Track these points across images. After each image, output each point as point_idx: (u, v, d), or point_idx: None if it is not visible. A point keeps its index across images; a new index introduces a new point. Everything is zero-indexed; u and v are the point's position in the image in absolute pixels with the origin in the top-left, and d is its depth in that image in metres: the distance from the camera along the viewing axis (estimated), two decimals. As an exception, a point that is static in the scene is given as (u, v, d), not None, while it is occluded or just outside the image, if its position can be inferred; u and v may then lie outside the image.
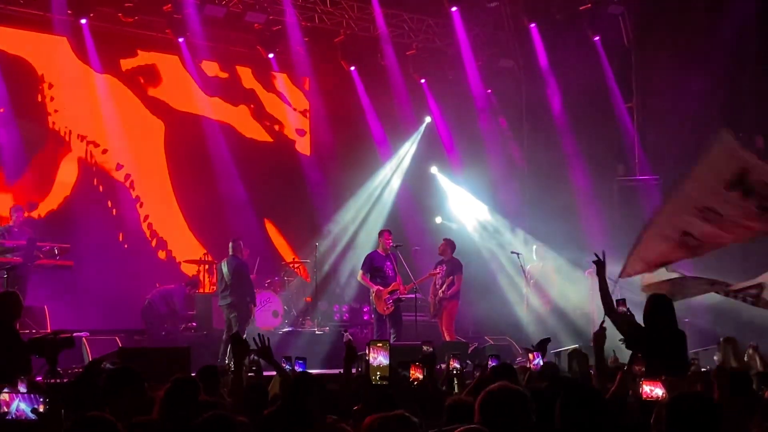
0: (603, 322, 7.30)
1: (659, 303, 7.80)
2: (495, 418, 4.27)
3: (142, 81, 17.71)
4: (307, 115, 19.35)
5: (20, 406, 4.33)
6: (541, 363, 7.05)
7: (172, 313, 15.36)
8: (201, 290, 15.85)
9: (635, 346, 7.52)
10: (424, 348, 7.01)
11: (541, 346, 7.23)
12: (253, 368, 7.38)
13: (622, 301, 8.21)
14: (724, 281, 9.56)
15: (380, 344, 4.53)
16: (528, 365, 7.76)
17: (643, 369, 6.32)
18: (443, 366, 8.57)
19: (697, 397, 4.25)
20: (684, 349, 7.70)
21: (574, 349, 7.30)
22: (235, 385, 5.81)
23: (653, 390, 4.51)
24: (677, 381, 5.31)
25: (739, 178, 7.81)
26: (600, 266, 8.01)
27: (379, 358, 4.51)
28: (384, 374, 4.46)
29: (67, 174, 16.72)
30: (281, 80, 18.66)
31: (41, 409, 4.32)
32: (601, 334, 6.77)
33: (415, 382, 6.64)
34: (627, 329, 7.76)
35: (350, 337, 6.75)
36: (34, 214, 15.96)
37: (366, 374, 4.49)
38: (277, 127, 19.37)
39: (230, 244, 14.26)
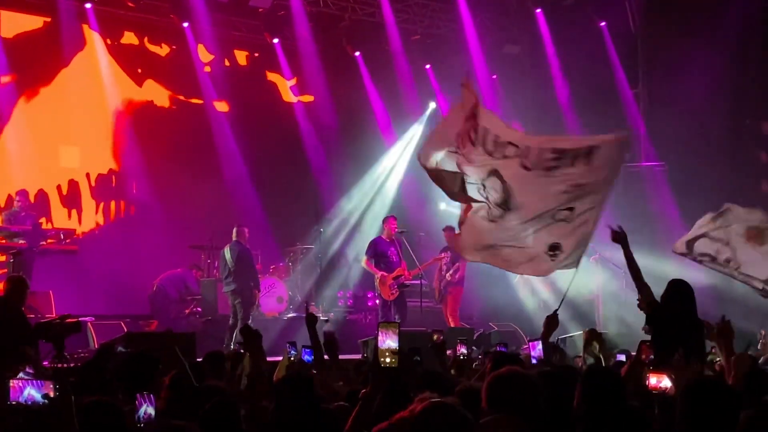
0: (558, 308, 7.12)
1: (680, 289, 7.59)
2: (502, 403, 4.22)
3: (147, 65, 17.68)
4: (312, 100, 19.28)
5: (31, 392, 4.32)
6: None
7: (182, 297, 15.41)
8: (205, 275, 15.86)
9: (655, 326, 7.34)
10: (435, 337, 6.98)
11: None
12: (291, 359, 7.36)
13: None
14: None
15: (389, 326, 4.49)
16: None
17: (651, 356, 6.26)
18: (449, 352, 8.57)
19: (717, 384, 4.18)
20: (702, 340, 7.48)
21: (592, 330, 7.11)
22: (256, 374, 5.75)
23: (660, 381, 4.46)
24: (683, 372, 5.24)
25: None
26: (622, 238, 7.77)
27: (387, 340, 4.46)
28: (393, 357, 4.43)
29: (70, 158, 16.72)
30: (286, 65, 18.58)
31: (52, 395, 4.32)
32: (554, 317, 6.78)
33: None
34: (650, 307, 7.53)
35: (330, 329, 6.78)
36: (39, 198, 15.97)
37: (375, 358, 4.46)
38: (281, 113, 19.33)
39: (234, 230, 14.25)
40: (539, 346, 6.64)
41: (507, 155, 7.67)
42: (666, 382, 4.39)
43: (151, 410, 4.68)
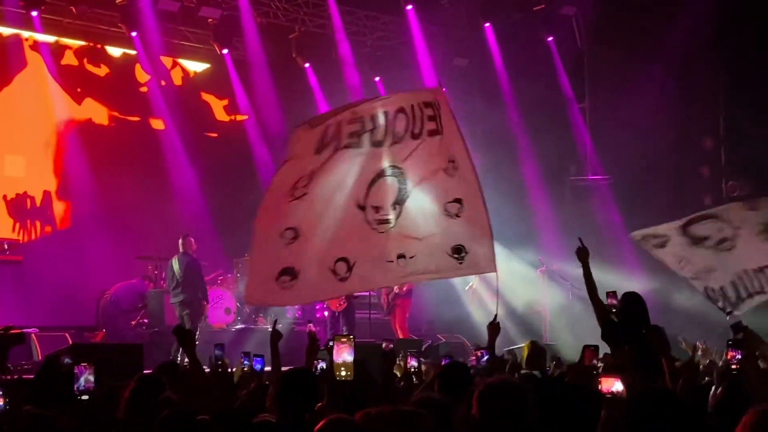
0: (495, 316, 7.16)
1: (633, 302, 7.71)
2: (494, 412, 4.16)
3: (95, 75, 17.52)
4: (261, 111, 19.19)
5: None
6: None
7: (136, 309, 15.25)
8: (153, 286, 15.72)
9: (609, 341, 7.47)
10: (384, 345, 6.99)
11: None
12: (219, 363, 7.30)
13: (612, 294, 8.00)
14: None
15: (344, 339, 4.51)
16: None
17: (594, 361, 6.31)
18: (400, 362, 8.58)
19: (663, 394, 4.23)
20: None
21: (533, 342, 7.18)
22: (198, 378, 5.71)
23: (612, 385, 4.49)
24: (635, 377, 5.30)
25: None
26: (584, 253, 7.87)
27: (343, 354, 4.48)
28: (348, 371, 4.45)
29: (15, 168, 16.50)
30: (236, 76, 18.49)
31: (1, 403, 4.28)
32: (495, 324, 6.84)
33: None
34: (603, 323, 7.65)
35: (314, 328, 6.74)
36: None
37: (330, 370, 4.48)
38: (230, 123, 19.26)
39: (180, 241, 14.17)
40: (485, 357, 6.70)
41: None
42: (618, 386, 4.42)
43: (91, 378, 4.67)
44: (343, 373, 4.44)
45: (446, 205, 7.76)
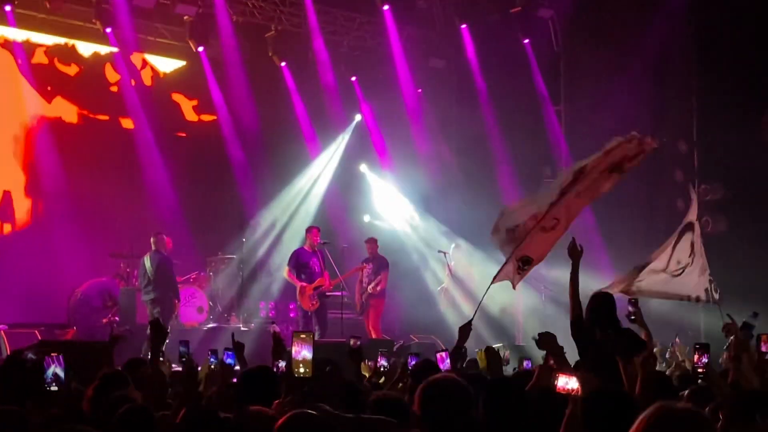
0: (471, 319, 7.19)
1: (601, 302, 7.74)
2: (435, 408, 4.17)
3: (65, 74, 17.38)
4: (237, 110, 19.10)
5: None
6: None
7: (106, 307, 15.14)
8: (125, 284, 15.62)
9: (577, 340, 7.51)
10: (352, 342, 6.96)
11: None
12: (183, 359, 7.26)
13: (634, 302, 8.00)
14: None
15: (303, 336, 4.48)
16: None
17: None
18: (370, 363, 8.57)
19: (616, 395, 4.26)
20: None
21: (488, 348, 7.20)
22: (154, 374, 5.68)
23: (567, 383, 4.49)
24: (591, 375, 5.29)
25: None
26: (577, 253, 7.89)
27: (302, 351, 4.45)
28: (307, 368, 4.41)
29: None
30: (211, 74, 18.40)
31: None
32: (467, 326, 6.86)
33: None
34: (573, 322, 7.68)
35: (277, 329, 6.72)
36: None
37: (289, 367, 4.44)
38: (205, 122, 19.15)
39: (152, 239, 14.10)
40: (447, 359, 6.70)
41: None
42: (573, 383, 4.40)
43: (59, 371, 4.66)
44: (302, 370, 4.41)
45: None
